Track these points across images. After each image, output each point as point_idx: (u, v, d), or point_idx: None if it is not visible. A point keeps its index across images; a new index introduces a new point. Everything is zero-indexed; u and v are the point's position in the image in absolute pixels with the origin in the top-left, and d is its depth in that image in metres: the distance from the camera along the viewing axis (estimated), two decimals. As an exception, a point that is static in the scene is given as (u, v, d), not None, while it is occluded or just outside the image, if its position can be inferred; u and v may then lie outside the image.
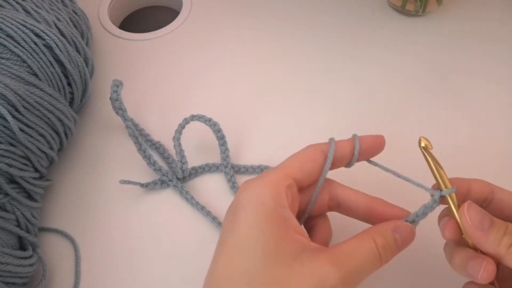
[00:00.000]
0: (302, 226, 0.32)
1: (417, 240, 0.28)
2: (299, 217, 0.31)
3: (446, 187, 0.28)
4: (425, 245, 0.34)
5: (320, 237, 0.31)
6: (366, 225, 0.30)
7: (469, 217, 0.26)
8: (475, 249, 0.28)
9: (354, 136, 0.30)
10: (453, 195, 0.28)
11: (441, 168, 0.28)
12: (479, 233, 0.26)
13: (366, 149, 0.30)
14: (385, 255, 0.26)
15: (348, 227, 0.31)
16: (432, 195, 0.28)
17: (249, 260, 0.25)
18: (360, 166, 0.32)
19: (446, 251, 0.29)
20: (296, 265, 0.25)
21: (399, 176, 0.30)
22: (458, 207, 0.27)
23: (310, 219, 0.32)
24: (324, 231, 0.31)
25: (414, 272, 0.35)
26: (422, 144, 0.29)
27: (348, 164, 0.31)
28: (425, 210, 0.28)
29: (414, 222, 0.28)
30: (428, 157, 0.29)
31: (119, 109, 0.38)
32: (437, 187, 0.29)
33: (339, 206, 0.31)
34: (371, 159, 0.31)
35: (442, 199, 0.28)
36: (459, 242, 0.28)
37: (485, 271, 0.26)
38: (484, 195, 0.28)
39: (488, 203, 0.28)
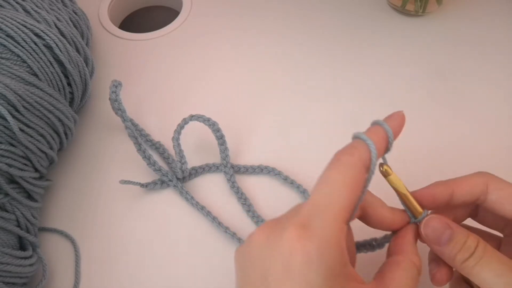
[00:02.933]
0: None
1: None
2: None
3: (417, 211, 0.28)
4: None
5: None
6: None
7: (424, 234, 0.27)
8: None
9: (381, 124, 0.27)
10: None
11: (407, 191, 0.28)
12: (436, 247, 0.27)
13: (395, 133, 0.27)
14: (421, 267, 0.27)
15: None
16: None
17: None
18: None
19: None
20: None
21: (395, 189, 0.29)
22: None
23: None
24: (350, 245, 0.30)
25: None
26: (382, 169, 0.28)
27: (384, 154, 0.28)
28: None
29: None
30: (391, 183, 0.28)
31: (118, 110, 0.38)
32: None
33: (363, 217, 0.29)
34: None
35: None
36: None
37: (435, 275, 0.28)
38: (474, 197, 0.28)
39: (481, 202, 0.28)
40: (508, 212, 0.27)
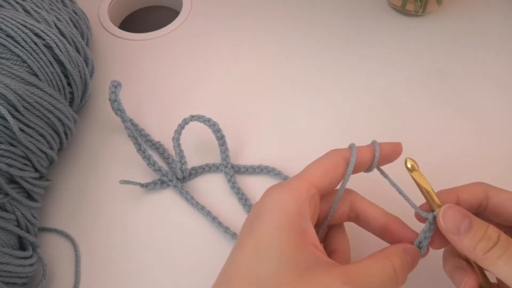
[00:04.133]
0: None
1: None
2: (318, 225, 0.31)
3: (436, 205, 0.28)
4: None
5: (340, 255, 0.31)
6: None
7: (443, 223, 0.27)
8: (467, 259, 0.28)
9: (374, 142, 0.31)
10: None
11: (431, 188, 0.28)
12: (455, 237, 0.26)
13: (384, 156, 0.30)
14: (401, 276, 0.26)
15: (365, 242, 0.31)
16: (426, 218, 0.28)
17: (264, 264, 0.25)
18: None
19: (442, 258, 0.30)
20: (308, 276, 0.25)
21: (400, 192, 0.30)
22: None
23: (329, 234, 0.32)
24: (343, 249, 0.31)
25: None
26: (408, 165, 0.29)
27: (368, 170, 0.31)
28: (426, 235, 0.28)
29: (421, 247, 0.28)
30: (416, 179, 0.28)
31: (118, 110, 0.38)
32: (426, 206, 0.29)
33: (357, 218, 0.31)
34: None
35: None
36: (452, 250, 0.29)
37: (466, 284, 0.27)
38: (478, 201, 0.28)
39: (483, 209, 0.28)
40: None
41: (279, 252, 0.25)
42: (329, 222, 0.30)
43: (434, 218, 0.28)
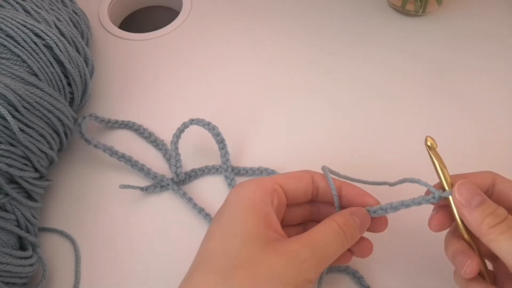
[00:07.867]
0: None
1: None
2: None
3: (448, 184, 0.29)
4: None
5: None
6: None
7: (458, 193, 0.28)
8: (470, 243, 0.29)
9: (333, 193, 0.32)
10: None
11: (445, 167, 0.29)
12: (466, 209, 0.28)
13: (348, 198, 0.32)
14: (349, 232, 0.29)
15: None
16: (430, 192, 0.30)
17: (229, 242, 0.28)
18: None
19: (445, 241, 0.31)
20: (271, 247, 0.27)
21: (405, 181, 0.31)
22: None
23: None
24: None
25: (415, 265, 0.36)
26: (428, 143, 0.30)
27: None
28: (410, 204, 0.30)
29: (383, 210, 0.30)
30: (432, 156, 0.30)
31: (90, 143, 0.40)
32: (438, 186, 0.30)
33: (317, 193, 0.33)
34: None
35: (441, 199, 0.29)
36: (456, 233, 0.30)
37: (468, 267, 0.28)
38: (484, 188, 0.29)
39: (489, 195, 0.29)
40: None
41: (243, 230, 0.28)
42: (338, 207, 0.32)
43: (440, 197, 0.29)
